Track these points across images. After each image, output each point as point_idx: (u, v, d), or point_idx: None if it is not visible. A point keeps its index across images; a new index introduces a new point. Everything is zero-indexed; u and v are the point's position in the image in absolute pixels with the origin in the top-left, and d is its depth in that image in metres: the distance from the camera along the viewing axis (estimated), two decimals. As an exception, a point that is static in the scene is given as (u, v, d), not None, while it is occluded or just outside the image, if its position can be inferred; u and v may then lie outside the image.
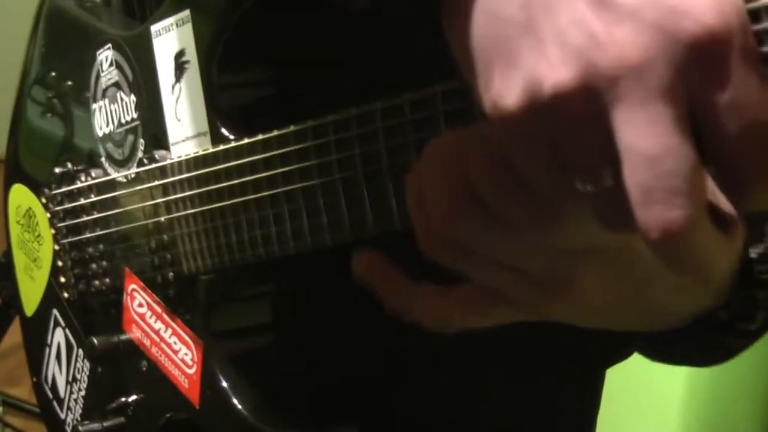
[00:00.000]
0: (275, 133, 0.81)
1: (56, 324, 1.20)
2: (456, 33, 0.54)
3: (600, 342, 0.87)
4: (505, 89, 0.49)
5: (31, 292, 1.25)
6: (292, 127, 0.80)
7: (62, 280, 1.16)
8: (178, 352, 0.99)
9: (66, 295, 1.16)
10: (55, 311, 1.20)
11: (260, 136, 0.83)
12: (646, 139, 0.46)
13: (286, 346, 0.97)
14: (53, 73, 1.16)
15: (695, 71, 0.46)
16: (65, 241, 1.13)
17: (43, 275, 1.21)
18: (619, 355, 1.00)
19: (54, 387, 1.22)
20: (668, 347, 0.76)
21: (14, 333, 1.30)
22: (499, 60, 0.50)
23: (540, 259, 0.56)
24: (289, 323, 0.98)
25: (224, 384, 0.93)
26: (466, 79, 0.54)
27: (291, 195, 0.81)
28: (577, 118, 0.47)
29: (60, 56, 1.14)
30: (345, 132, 0.75)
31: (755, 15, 0.47)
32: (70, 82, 1.12)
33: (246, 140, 0.85)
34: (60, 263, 1.15)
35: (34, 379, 1.29)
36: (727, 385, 1.83)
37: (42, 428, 1.31)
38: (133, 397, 1.08)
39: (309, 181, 0.79)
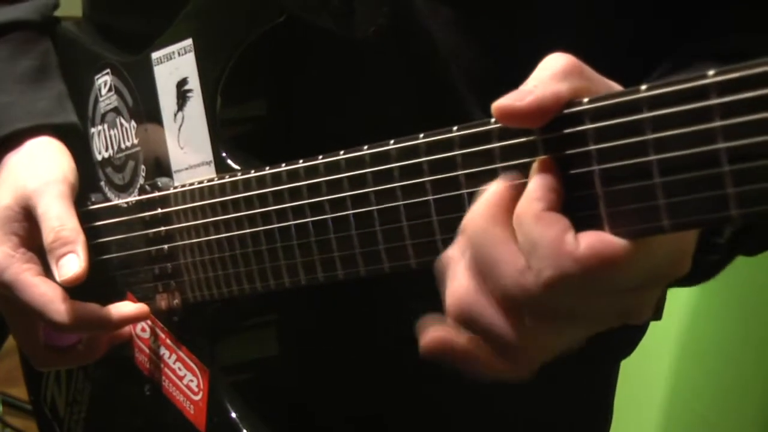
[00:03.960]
0: (284, 167, 0.81)
1: (55, 345, 1.19)
2: None
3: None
4: None
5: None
6: (301, 162, 0.79)
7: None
8: (183, 378, 0.99)
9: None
10: (54, 332, 1.19)
11: (268, 170, 0.83)
12: None
13: (293, 377, 0.97)
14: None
15: None
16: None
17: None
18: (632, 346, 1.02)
19: (53, 407, 1.22)
20: None
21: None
22: None
23: None
24: (295, 353, 0.97)
25: (233, 415, 0.92)
26: None
27: (300, 228, 0.80)
28: None
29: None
30: (359, 169, 0.75)
31: None
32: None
33: (254, 173, 0.84)
34: (60, 285, 1.14)
35: (32, 398, 1.28)
36: (711, 385, 1.84)
37: (42, 428, 1.31)
38: (137, 421, 1.07)
39: (319, 215, 0.78)
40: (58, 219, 0.97)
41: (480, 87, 0.85)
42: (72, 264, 0.96)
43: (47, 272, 0.99)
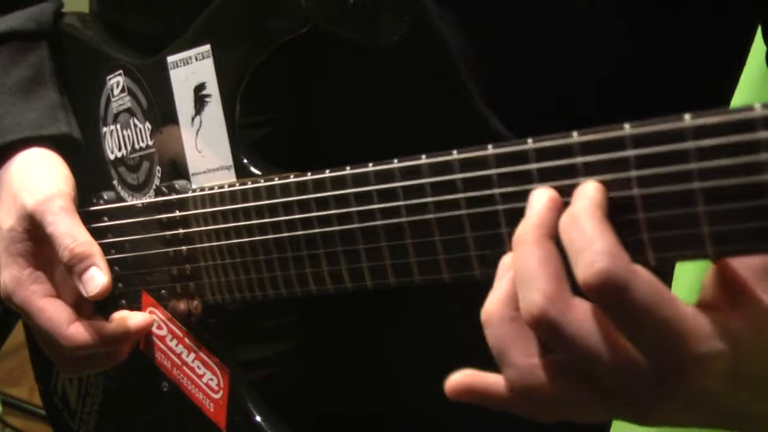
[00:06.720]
0: (310, 176, 0.81)
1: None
2: None
3: None
4: None
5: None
6: (327, 172, 0.80)
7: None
8: (202, 377, 0.99)
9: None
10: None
11: (293, 177, 0.83)
12: None
13: (314, 377, 0.98)
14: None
15: None
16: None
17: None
18: None
19: (65, 398, 1.22)
20: None
21: (14, 334, 1.29)
22: None
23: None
24: (316, 354, 0.98)
25: (258, 418, 0.93)
26: None
27: (327, 237, 0.81)
28: None
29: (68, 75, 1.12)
30: (389, 183, 0.75)
31: None
32: (78, 103, 1.10)
33: (278, 180, 0.84)
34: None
35: (41, 388, 1.29)
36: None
37: (42, 428, 1.31)
38: (154, 416, 1.08)
39: (346, 225, 0.79)
40: (69, 236, 0.98)
41: (488, 87, 0.85)
42: (97, 278, 0.97)
43: (57, 287, 1.00)
